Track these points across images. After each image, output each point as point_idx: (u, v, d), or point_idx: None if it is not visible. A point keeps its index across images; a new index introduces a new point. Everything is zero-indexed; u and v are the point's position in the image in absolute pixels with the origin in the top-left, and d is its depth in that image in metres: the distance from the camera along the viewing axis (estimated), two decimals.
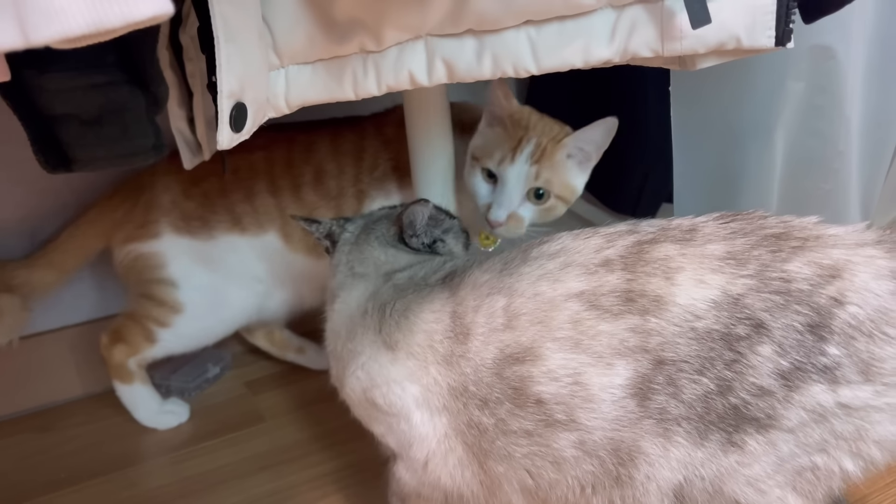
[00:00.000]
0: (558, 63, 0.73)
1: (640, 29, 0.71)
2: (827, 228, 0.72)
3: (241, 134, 0.72)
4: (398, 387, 0.81)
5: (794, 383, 0.65)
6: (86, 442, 1.35)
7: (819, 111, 1.03)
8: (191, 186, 1.27)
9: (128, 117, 0.81)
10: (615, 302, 0.70)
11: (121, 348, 1.33)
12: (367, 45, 0.74)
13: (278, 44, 0.74)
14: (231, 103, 0.69)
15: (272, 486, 1.19)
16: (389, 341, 0.82)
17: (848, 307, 0.65)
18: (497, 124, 1.14)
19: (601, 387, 0.69)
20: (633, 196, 1.53)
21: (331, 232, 1.03)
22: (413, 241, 0.97)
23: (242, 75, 0.69)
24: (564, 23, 0.72)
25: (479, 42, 0.73)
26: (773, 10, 0.68)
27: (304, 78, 0.77)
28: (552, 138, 1.12)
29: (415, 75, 0.75)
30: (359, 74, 0.76)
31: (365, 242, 0.98)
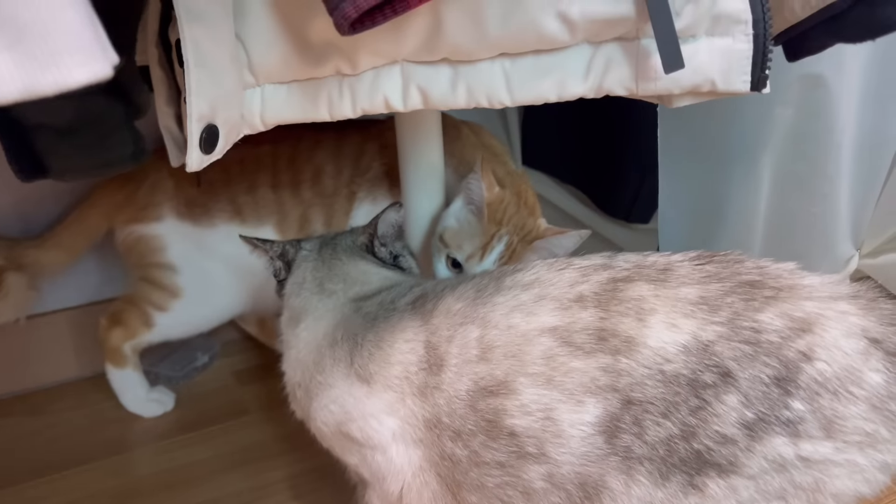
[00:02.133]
0: (533, 96, 0.72)
1: (615, 67, 0.70)
2: (802, 278, 0.71)
3: (213, 155, 0.72)
4: (375, 420, 0.81)
5: (757, 434, 0.65)
6: (74, 427, 1.37)
7: (808, 136, 1.01)
8: (197, 174, 1.28)
9: (104, 127, 0.81)
10: (588, 340, 0.70)
11: (118, 332, 1.34)
12: (342, 69, 0.74)
13: (253, 63, 0.73)
14: (201, 126, 0.69)
15: (250, 482, 1.21)
16: (364, 374, 0.81)
17: (816, 363, 0.65)
18: (472, 211, 1.12)
19: (571, 423, 0.69)
20: (628, 201, 1.52)
21: (284, 252, 1.01)
22: (381, 250, 0.97)
23: (213, 98, 0.69)
24: (540, 57, 0.71)
25: (454, 71, 0.73)
26: (749, 55, 0.67)
27: (279, 97, 0.76)
28: (524, 237, 1.11)
29: (390, 100, 0.75)
30: (334, 97, 0.76)
31: (332, 257, 0.97)
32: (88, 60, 0.39)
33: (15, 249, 1.29)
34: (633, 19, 0.67)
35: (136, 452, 1.31)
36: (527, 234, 1.12)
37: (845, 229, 1.15)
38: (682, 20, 0.67)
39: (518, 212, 1.13)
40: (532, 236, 1.12)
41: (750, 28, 0.67)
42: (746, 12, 0.67)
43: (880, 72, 1.02)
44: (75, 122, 0.78)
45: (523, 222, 1.13)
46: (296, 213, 1.30)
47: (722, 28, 0.68)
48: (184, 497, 1.18)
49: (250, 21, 0.71)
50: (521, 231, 1.12)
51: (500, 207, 1.12)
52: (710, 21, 0.67)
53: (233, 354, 1.59)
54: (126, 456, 1.29)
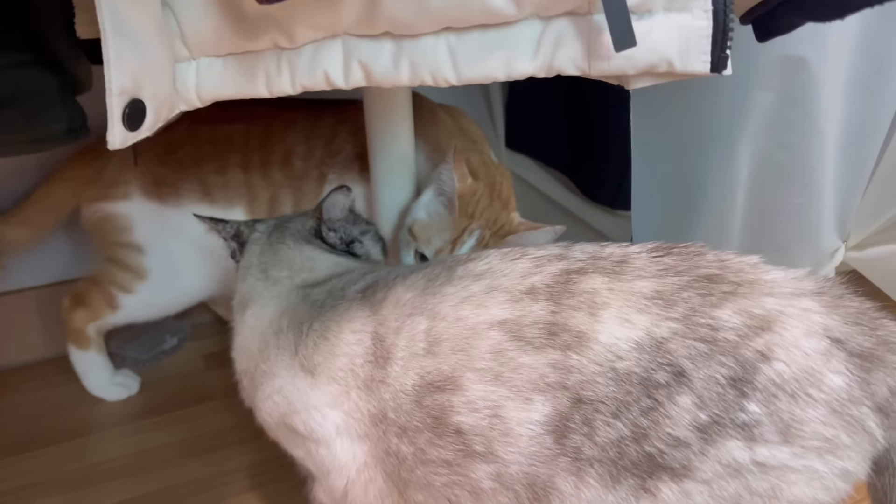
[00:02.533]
0: (479, 75, 0.68)
1: (566, 44, 0.65)
2: (765, 273, 0.68)
3: (140, 132, 0.68)
4: (318, 413, 0.77)
5: (711, 437, 0.62)
6: (38, 409, 1.34)
7: (790, 124, 0.96)
8: (166, 153, 1.25)
9: (36, 100, 0.77)
10: (538, 334, 0.67)
11: (82, 313, 1.31)
12: (279, 42, 0.69)
13: (185, 34, 0.69)
14: (123, 101, 0.64)
15: (211, 469, 1.18)
16: (308, 365, 0.78)
17: (774, 364, 0.62)
18: (443, 203, 1.08)
19: (519, 421, 0.66)
20: (612, 188, 1.48)
21: (238, 232, 0.98)
22: (331, 235, 0.93)
23: (136, 71, 0.64)
24: (486, 32, 0.66)
25: (397, 46, 0.68)
26: (709, 33, 0.62)
27: (215, 72, 0.72)
28: (496, 232, 1.07)
29: (330, 76, 0.70)
30: (272, 72, 0.71)
31: (279, 241, 0.93)
32: None
33: None
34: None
35: (97, 436, 1.28)
36: (499, 229, 1.08)
37: (830, 221, 1.11)
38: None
39: (491, 205, 1.09)
40: (505, 231, 1.08)
41: (709, 3, 0.62)
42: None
43: (869, 56, 0.96)
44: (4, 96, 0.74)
45: (496, 216, 1.09)
46: (265, 196, 1.27)
47: (679, 3, 0.63)
48: (142, 483, 1.15)
49: None
50: (493, 225, 1.08)
51: (473, 200, 1.08)
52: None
53: (203, 337, 1.56)
54: (87, 439, 1.27)
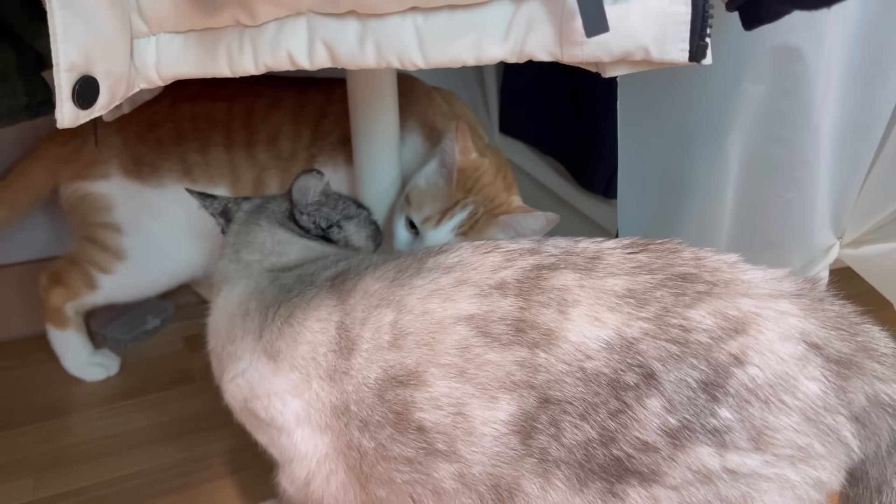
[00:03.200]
0: (447, 58, 0.65)
1: (537, 28, 0.62)
2: (742, 272, 0.66)
3: (93, 110, 0.65)
4: (279, 401, 0.76)
5: (681, 442, 0.60)
6: (11, 388, 1.33)
7: (782, 117, 0.92)
8: (146, 130, 1.22)
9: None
10: (505, 331, 0.65)
11: (59, 292, 1.30)
12: (241, 19, 0.66)
13: (143, 8, 0.66)
14: (73, 77, 0.61)
15: (185, 454, 1.17)
16: (271, 350, 0.76)
17: (748, 368, 0.60)
18: (443, 174, 1.06)
19: (483, 420, 0.65)
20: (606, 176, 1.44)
21: (226, 209, 0.96)
22: (303, 219, 0.91)
23: (86, 45, 0.61)
24: (455, 13, 0.63)
25: (362, 26, 0.65)
26: (687, 20, 0.58)
27: (175, 49, 0.69)
28: (490, 210, 1.05)
29: (294, 56, 0.67)
30: (234, 50, 0.68)
31: (254, 222, 0.91)
32: None
33: None
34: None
35: (71, 417, 1.26)
36: (495, 207, 1.06)
37: (824, 217, 1.07)
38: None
39: (493, 183, 1.07)
40: (500, 210, 1.06)
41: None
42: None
43: (866, 46, 0.92)
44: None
45: (495, 194, 1.07)
46: (250, 176, 1.24)
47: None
48: (115, 466, 1.14)
49: None
50: (489, 203, 1.06)
51: (474, 175, 1.06)
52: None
53: (186, 319, 1.54)
54: (61, 420, 1.25)
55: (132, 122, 1.21)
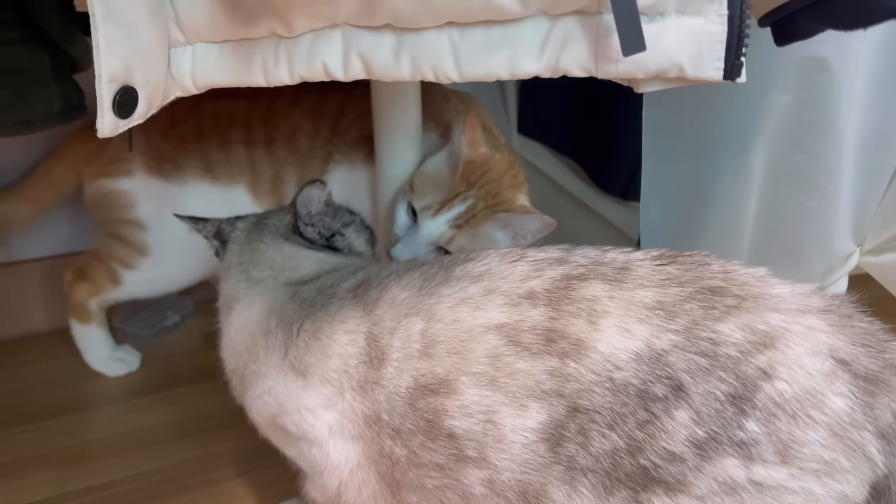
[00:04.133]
0: (482, 72, 0.65)
1: (572, 45, 0.62)
2: (771, 286, 0.66)
3: (132, 119, 0.66)
4: (310, 414, 0.76)
5: (708, 453, 0.60)
6: (33, 382, 1.35)
7: (807, 126, 0.93)
8: (168, 128, 1.23)
9: (26, 80, 0.76)
10: (535, 340, 0.66)
11: (83, 287, 1.31)
12: (277, 30, 0.67)
13: (181, 19, 0.67)
14: (114, 88, 0.63)
15: (205, 450, 1.18)
16: (299, 366, 0.77)
17: (775, 382, 0.60)
18: (449, 164, 1.06)
19: (513, 428, 0.66)
20: (624, 178, 1.45)
21: (220, 231, 0.96)
22: (308, 231, 0.91)
23: (128, 56, 0.62)
24: (491, 28, 0.63)
25: (398, 40, 0.65)
26: (723, 39, 0.59)
27: (211, 58, 0.70)
28: (490, 206, 1.05)
29: (329, 67, 0.68)
30: (269, 61, 0.69)
31: (257, 240, 0.91)
32: None
33: None
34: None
35: (93, 412, 1.28)
36: (496, 204, 1.06)
37: (845, 224, 1.07)
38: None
39: (499, 179, 1.08)
40: (500, 208, 1.06)
41: (725, 8, 0.59)
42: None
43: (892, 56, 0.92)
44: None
45: (498, 191, 1.07)
46: (268, 173, 1.25)
47: (693, 6, 0.60)
48: (136, 462, 1.15)
49: None
50: (491, 199, 1.06)
51: (480, 169, 1.06)
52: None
53: (206, 315, 1.54)
54: (83, 415, 1.27)
55: (155, 120, 1.20)
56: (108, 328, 1.37)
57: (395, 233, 1.08)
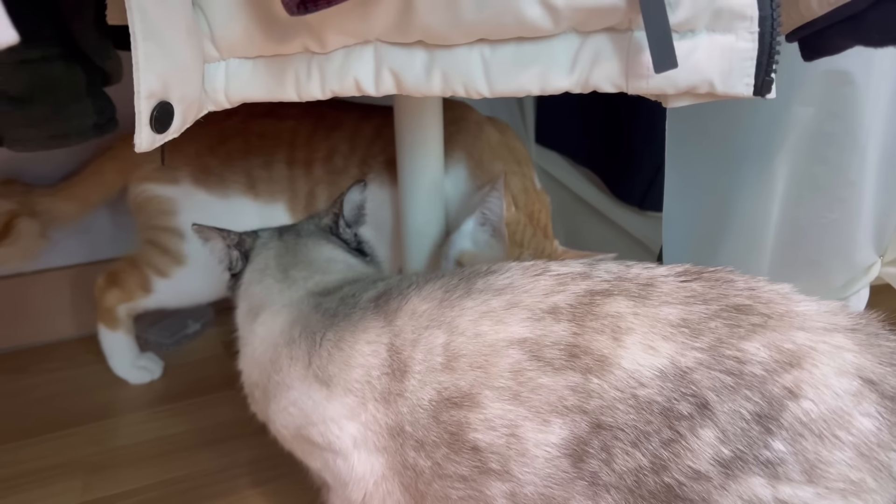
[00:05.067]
0: (513, 88, 0.66)
1: (603, 61, 0.63)
2: (796, 304, 0.65)
3: (167, 134, 0.67)
4: (335, 425, 0.77)
5: (733, 472, 0.60)
6: (58, 389, 1.36)
7: (829, 138, 0.93)
8: (218, 143, 1.26)
9: (62, 95, 0.76)
10: (558, 355, 0.66)
11: (115, 293, 1.33)
12: (310, 46, 0.68)
13: (216, 35, 0.68)
14: (152, 104, 0.63)
15: (228, 459, 1.19)
16: (322, 376, 0.77)
17: (802, 402, 0.60)
18: (489, 232, 1.06)
19: (536, 443, 0.66)
20: (642, 189, 1.46)
21: (241, 241, 0.97)
22: (347, 231, 0.93)
23: (166, 73, 0.63)
24: (522, 45, 0.64)
25: (429, 56, 0.66)
26: (754, 56, 0.59)
27: (244, 73, 0.71)
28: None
29: (361, 83, 0.69)
30: (301, 76, 0.70)
31: (296, 242, 0.93)
32: None
33: (30, 196, 1.29)
34: (624, 9, 0.60)
35: (118, 420, 1.29)
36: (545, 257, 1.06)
37: (866, 235, 1.08)
38: (679, 13, 0.60)
39: (535, 234, 1.09)
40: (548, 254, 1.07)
41: (756, 25, 0.60)
42: (752, 7, 0.59)
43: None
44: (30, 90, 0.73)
45: (541, 245, 1.08)
46: (304, 191, 1.27)
47: (724, 24, 0.60)
48: (160, 470, 1.16)
49: None
50: (540, 254, 1.07)
51: (518, 229, 1.07)
52: (711, 15, 0.60)
53: (226, 324, 1.56)
54: (108, 423, 1.28)
55: (205, 134, 1.25)
56: (134, 336, 1.38)
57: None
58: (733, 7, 0.60)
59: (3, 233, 1.24)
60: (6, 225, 1.24)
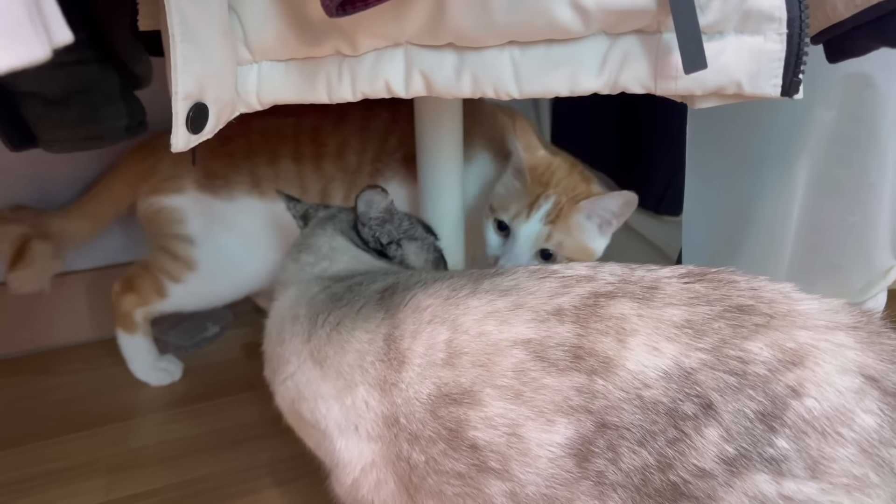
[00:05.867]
0: (542, 89, 0.67)
1: (632, 62, 0.64)
2: (798, 303, 0.66)
3: (202, 134, 0.68)
4: (324, 405, 0.78)
5: (738, 469, 0.61)
6: (80, 391, 1.37)
7: (851, 141, 0.94)
8: (219, 145, 1.26)
9: (97, 98, 0.78)
10: (562, 356, 0.66)
11: (130, 298, 1.34)
12: (342, 49, 0.69)
13: (249, 39, 0.69)
14: (188, 105, 0.65)
15: (248, 459, 1.19)
16: (318, 355, 0.79)
17: (805, 400, 0.60)
18: (518, 177, 1.10)
19: (539, 443, 0.66)
20: (658, 191, 1.46)
21: (306, 213, 1.01)
22: (364, 230, 0.94)
23: (202, 75, 0.65)
24: (551, 47, 0.65)
25: (459, 58, 0.68)
26: (782, 56, 0.60)
27: (276, 76, 0.72)
28: (571, 198, 1.08)
29: (391, 85, 0.70)
30: (333, 78, 0.71)
31: (320, 227, 0.95)
32: (13, 44, 0.36)
33: (41, 218, 1.31)
34: (654, 11, 0.61)
35: (139, 421, 1.30)
36: (576, 196, 1.09)
37: (886, 239, 1.08)
38: (708, 15, 0.61)
39: (569, 176, 1.12)
40: (581, 197, 1.09)
41: (784, 27, 0.60)
42: (781, 9, 0.60)
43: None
44: (66, 92, 0.75)
45: (574, 185, 1.11)
46: (316, 188, 1.28)
47: (752, 25, 0.61)
48: (178, 471, 1.17)
49: None
50: (570, 192, 1.10)
51: (548, 171, 1.10)
52: (740, 17, 0.61)
53: (244, 326, 1.58)
54: (129, 424, 1.29)
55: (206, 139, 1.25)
56: (152, 338, 1.40)
57: (490, 254, 1.11)
58: (762, 9, 0.61)
59: (19, 256, 1.27)
60: (21, 248, 1.27)
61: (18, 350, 1.47)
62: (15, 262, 1.27)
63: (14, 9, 0.36)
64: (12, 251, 1.27)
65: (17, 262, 1.27)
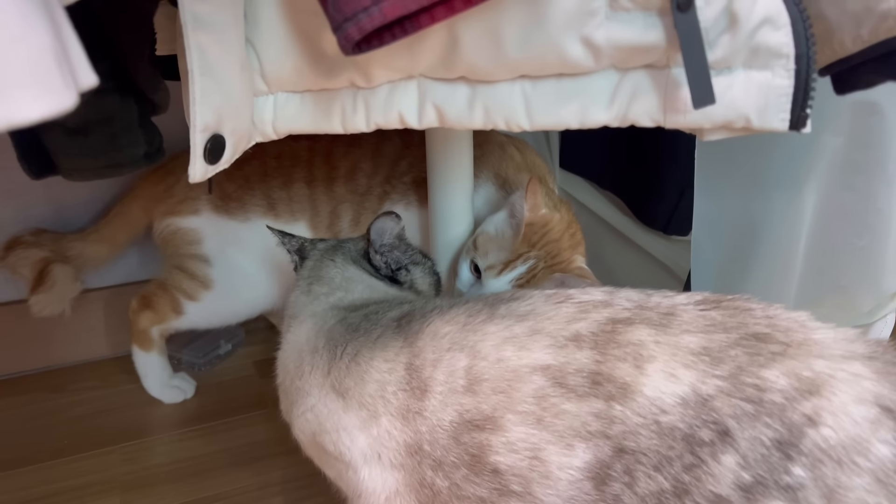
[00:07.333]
0: (553, 122, 0.68)
1: (642, 96, 0.65)
2: (814, 332, 0.66)
3: (219, 165, 0.70)
4: (348, 436, 0.78)
5: (754, 496, 0.61)
6: (94, 408, 1.39)
7: (858, 166, 0.95)
8: (234, 168, 1.26)
9: (116, 127, 0.80)
10: (581, 383, 0.67)
11: (147, 315, 1.36)
12: (356, 81, 0.71)
13: (265, 71, 0.71)
14: (206, 137, 0.66)
15: (260, 478, 1.21)
16: (339, 387, 0.79)
17: (821, 429, 0.61)
18: (511, 226, 1.10)
19: (559, 466, 0.67)
20: (666, 213, 1.47)
21: (302, 248, 1.01)
22: (377, 258, 0.95)
23: (220, 107, 0.66)
24: (562, 81, 0.66)
25: (471, 91, 0.69)
26: (790, 92, 0.61)
27: (292, 107, 0.74)
28: (549, 266, 1.08)
29: (405, 116, 0.72)
30: (347, 109, 0.73)
31: (329, 259, 0.96)
32: (44, 94, 0.37)
33: (61, 242, 1.34)
34: (664, 47, 0.62)
35: (153, 439, 1.32)
36: (555, 264, 1.09)
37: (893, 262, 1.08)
38: (716, 51, 0.62)
39: (558, 240, 1.11)
40: (558, 268, 1.09)
41: (792, 63, 0.62)
42: (789, 46, 0.61)
43: None
44: (86, 121, 0.77)
45: (558, 251, 1.10)
46: (327, 209, 1.29)
47: (761, 61, 0.62)
48: (192, 489, 1.19)
49: (263, 28, 0.68)
50: (551, 259, 1.09)
51: (541, 230, 1.09)
52: (748, 53, 0.62)
53: (256, 344, 1.60)
54: (143, 441, 1.31)
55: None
56: (166, 356, 1.41)
57: (459, 288, 1.12)
58: (770, 45, 0.62)
59: (39, 280, 1.30)
60: (41, 272, 1.30)
61: (33, 367, 1.49)
62: (36, 285, 1.29)
63: (45, 59, 0.38)
64: (33, 275, 1.29)
65: (39, 285, 1.29)
